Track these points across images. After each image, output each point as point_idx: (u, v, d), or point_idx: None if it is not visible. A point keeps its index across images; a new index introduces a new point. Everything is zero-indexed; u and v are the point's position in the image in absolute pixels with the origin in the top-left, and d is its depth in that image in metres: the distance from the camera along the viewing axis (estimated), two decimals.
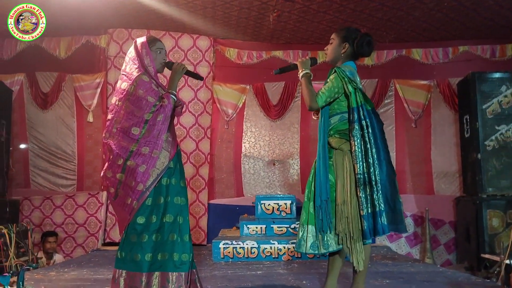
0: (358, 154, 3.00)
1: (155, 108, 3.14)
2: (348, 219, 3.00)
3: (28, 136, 7.40)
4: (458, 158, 7.27)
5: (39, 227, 6.98)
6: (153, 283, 3.06)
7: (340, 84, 3.10)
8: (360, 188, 2.98)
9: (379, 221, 2.97)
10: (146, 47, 3.29)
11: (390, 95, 7.66)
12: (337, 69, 3.15)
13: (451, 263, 7.05)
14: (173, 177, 3.23)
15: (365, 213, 2.97)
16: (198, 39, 7.55)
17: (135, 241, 3.11)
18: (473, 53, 7.55)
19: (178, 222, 3.17)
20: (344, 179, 3.05)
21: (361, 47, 3.25)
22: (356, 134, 3.01)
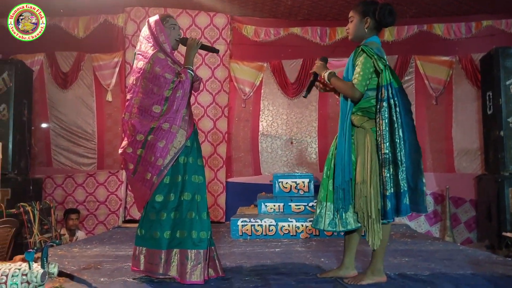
0: (385, 133, 2.93)
1: (174, 84, 3.13)
2: (367, 198, 2.96)
3: (49, 115, 7.50)
4: (479, 135, 7.16)
5: (61, 204, 7.11)
6: (172, 260, 3.10)
7: (370, 63, 2.99)
8: (386, 167, 2.92)
9: (403, 201, 2.94)
10: (159, 24, 3.26)
11: (410, 71, 7.54)
12: (364, 47, 3.04)
13: (471, 241, 7.01)
14: (190, 155, 3.24)
15: (389, 193, 2.93)
16: (215, 17, 7.51)
17: (154, 219, 3.15)
18: (497, 27, 7.38)
19: (196, 200, 3.19)
20: (365, 158, 3.00)
21: (384, 17, 3.13)
22: (384, 113, 2.94)
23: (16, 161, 6.13)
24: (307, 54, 7.50)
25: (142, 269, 3.16)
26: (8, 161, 5.99)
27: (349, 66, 3.14)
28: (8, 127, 6.13)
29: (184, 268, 3.06)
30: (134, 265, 3.20)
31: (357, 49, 3.10)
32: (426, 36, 7.54)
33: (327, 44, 7.61)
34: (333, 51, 7.55)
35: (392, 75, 3.00)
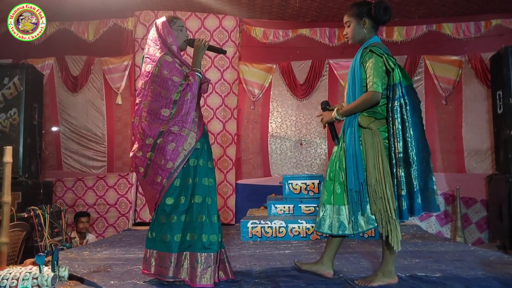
0: (399, 132, 2.92)
1: (182, 87, 3.14)
2: (384, 200, 2.93)
3: (60, 119, 7.56)
4: (490, 135, 7.12)
5: (72, 207, 7.15)
6: (183, 263, 3.11)
7: (382, 62, 2.99)
8: (401, 167, 2.92)
9: (416, 200, 2.93)
10: (166, 26, 3.27)
11: (420, 71, 7.52)
12: (372, 48, 3.04)
13: (482, 241, 6.96)
14: (201, 158, 3.24)
15: (404, 192, 2.92)
16: (223, 19, 7.53)
17: (165, 222, 3.15)
18: (506, 26, 7.33)
19: (207, 203, 3.19)
20: (376, 159, 2.98)
21: (380, 15, 3.12)
22: (397, 112, 2.93)
23: (26, 164, 6.17)
24: (316, 55, 7.50)
25: (152, 272, 3.16)
26: (19, 165, 6.03)
27: (356, 66, 3.12)
28: (18, 131, 6.17)
29: (194, 271, 3.06)
30: (145, 268, 3.21)
31: (365, 50, 3.10)
32: (435, 36, 7.52)
33: (336, 45, 7.61)
34: (342, 52, 7.55)
35: (401, 73, 2.99)
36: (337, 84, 7.55)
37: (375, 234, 5.43)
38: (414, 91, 3.08)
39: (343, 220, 3.07)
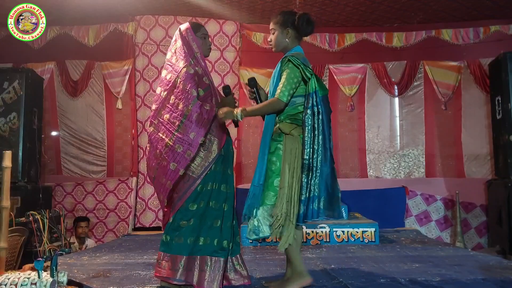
0: (307, 139, 3.01)
1: (194, 103, 3.15)
2: (289, 203, 3.01)
3: (59, 123, 7.55)
4: (489, 140, 7.14)
5: (71, 212, 7.14)
6: (193, 267, 3.12)
7: (298, 73, 3.09)
8: (304, 173, 3.00)
9: (310, 206, 3.00)
10: (191, 33, 3.36)
11: (419, 77, 7.54)
12: (290, 58, 3.13)
13: (482, 246, 6.96)
14: (222, 164, 3.30)
15: (304, 197, 2.99)
16: (224, 24, 7.54)
17: (181, 226, 3.17)
18: (504, 32, 7.36)
19: (223, 209, 3.23)
20: (292, 164, 3.05)
21: (303, 26, 3.24)
22: (308, 120, 3.02)
23: (26, 169, 6.16)
24: (316, 61, 7.51)
25: (163, 275, 3.16)
26: (18, 170, 6.02)
27: (276, 74, 3.21)
28: (18, 135, 6.16)
29: (203, 275, 3.09)
30: (157, 271, 3.21)
31: (284, 59, 3.18)
32: (434, 41, 7.54)
33: (336, 50, 7.63)
34: (342, 57, 7.58)
35: (318, 83, 3.08)
36: (337, 89, 7.56)
37: (375, 239, 5.43)
38: (327, 101, 3.16)
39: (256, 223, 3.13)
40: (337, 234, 5.48)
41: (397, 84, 7.55)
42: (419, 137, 7.49)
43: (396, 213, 7.12)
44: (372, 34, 7.60)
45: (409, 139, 7.52)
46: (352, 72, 7.57)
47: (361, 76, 7.57)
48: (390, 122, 7.59)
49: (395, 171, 7.48)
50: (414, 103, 7.54)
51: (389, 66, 7.58)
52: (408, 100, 7.56)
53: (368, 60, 7.60)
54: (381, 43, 7.60)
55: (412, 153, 7.47)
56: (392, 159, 7.50)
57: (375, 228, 5.49)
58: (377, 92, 7.61)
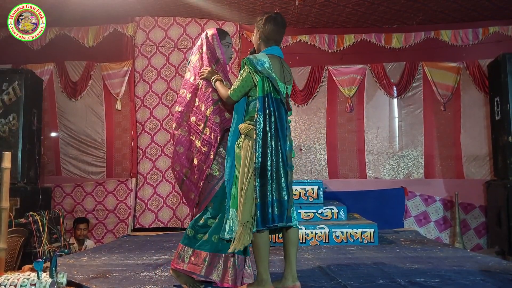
0: (257, 143, 2.98)
1: (215, 105, 3.30)
2: (240, 205, 3.03)
3: (59, 124, 7.55)
4: (488, 141, 7.15)
5: (70, 213, 7.14)
6: (216, 264, 3.19)
7: (249, 76, 3.11)
8: (257, 177, 2.97)
9: (269, 211, 2.96)
10: (217, 39, 3.47)
11: (418, 78, 7.54)
12: (246, 60, 3.14)
13: (481, 247, 6.96)
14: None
15: (258, 202, 2.96)
16: (223, 26, 7.54)
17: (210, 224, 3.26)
18: (503, 33, 7.37)
19: None
20: (244, 165, 3.05)
21: (269, 30, 3.24)
22: (258, 123, 3.00)
23: (25, 170, 6.17)
24: (315, 62, 7.52)
25: (185, 268, 3.23)
26: (18, 171, 6.03)
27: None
28: (17, 136, 6.17)
29: (227, 273, 3.16)
30: (176, 263, 3.28)
31: (243, 60, 3.20)
32: (434, 42, 7.55)
33: (335, 51, 7.63)
34: (341, 58, 7.58)
35: (272, 86, 3.07)
36: (336, 90, 7.56)
37: (374, 240, 5.44)
38: (286, 103, 3.17)
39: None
40: (336, 235, 5.48)
41: (396, 85, 7.55)
42: (418, 138, 7.49)
43: (395, 214, 7.12)
44: (371, 35, 7.61)
45: (408, 140, 7.53)
46: (351, 73, 7.58)
47: (360, 77, 7.58)
48: (389, 123, 7.60)
49: (394, 172, 7.49)
50: (413, 104, 7.54)
51: (388, 67, 7.59)
52: (407, 101, 7.57)
53: (367, 61, 7.60)
54: (380, 44, 7.60)
55: (411, 154, 7.47)
56: (391, 160, 7.50)
57: (374, 229, 5.49)
58: (376, 93, 7.62)
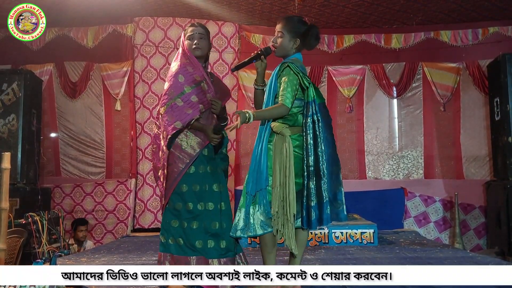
0: (311, 147, 3.03)
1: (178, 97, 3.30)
2: (285, 202, 3.01)
3: (58, 125, 7.54)
4: (488, 141, 7.14)
5: (70, 214, 7.14)
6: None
7: (296, 80, 3.10)
8: (311, 180, 3.01)
9: (325, 211, 3.02)
10: (183, 34, 3.47)
11: (418, 78, 7.55)
12: (290, 64, 3.13)
13: (481, 248, 6.96)
14: (209, 164, 3.30)
15: (314, 204, 3.00)
16: (223, 26, 7.54)
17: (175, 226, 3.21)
18: (503, 34, 7.37)
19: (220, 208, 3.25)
20: (283, 163, 3.05)
21: (311, 41, 3.24)
22: (309, 128, 3.04)
23: (24, 170, 6.16)
24: (315, 62, 7.51)
25: None
26: (17, 171, 6.02)
27: (273, 79, 3.20)
28: (17, 137, 6.16)
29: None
30: None
31: (283, 65, 3.18)
32: (433, 43, 7.55)
33: (335, 51, 7.63)
34: (341, 58, 7.58)
35: (315, 92, 3.11)
36: (335, 90, 7.57)
37: (374, 240, 5.43)
38: (326, 109, 3.19)
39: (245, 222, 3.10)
40: (335, 235, 5.48)
41: (396, 85, 7.56)
42: (418, 138, 7.49)
43: (395, 215, 7.12)
44: (371, 36, 7.61)
45: (408, 141, 7.53)
46: (351, 74, 7.58)
47: (360, 78, 7.58)
48: (389, 124, 7.60)
49: (394, 172, 7.49)
50: (413, 105, 7.55)
51: (388, 67, 7.59)
52: (407, 102, 7.57)
53: (367, 61, 7.60)
54: (380, 44, 7.60)
55: (411, 155, 7.47)
56: (391, 161, 7.50)
57: (374, 229, 5.50)
58: (376, 93, 7.62)
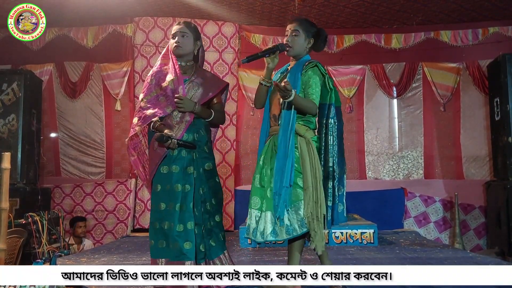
0: (332, 147, 3.09)
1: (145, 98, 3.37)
2: (317, 204, 3.02)
3: (58, 125, 7.54)
4: (488, 141, 7.14)
5: (70, 214, 7.13)
6: None
7: (322, 81, 3.15)
8: (330, 180, 3.08)
9: (337, 210, 3.12)
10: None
11: (418, 78, 7.55)
12: (318, 65, 3.18)
13: (481, 248, 6.96)
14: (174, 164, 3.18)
15: (330, 204, 3.08)
16: (223, 26, 7.54)
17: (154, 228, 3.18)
18: (503, 34, 7.37)
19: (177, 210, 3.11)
20: (312, 165, 3.07)
21: (321, 42, 3.33)
22: (333, 129, 3.11)
23: (24, 170, 6.16)
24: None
25: None
26: (17, 171, 6.02)
27: (297, 77, 3.18)
28: (17, 137, 6.16)
29: None
30: None
31: (310, 64, 3.19)
32: (433, 43, 7.55)
33: (335, 51, 7.63)
34: (341, 59, 7.58)
35: (336, 95, 3.18)
36: None
37: (374, 241, 5.43)
38: (341, 114, 3.24)
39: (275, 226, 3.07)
40: (335, 235, 5.48)
41: (396, 85, 7.56)
42: (418, 138, 7.49)
43: (395, 215, 7.13)
44: (371, 36, 7.61)
45: (408, 141, 7.53)
46: (351, 74, 7.58)
47: (360, 78, 7.58)
48: (389, 124, 7.60)
49: (394, 172, 7.49)
50: (413, 105, 7.55)
51: (388, 67, 7.59)
52: (407, 102, 7.57)
53: (367, 61, 7.60)
54: (380, 44, 7.60)
55: (411, 155, 7.47)
56: (391, 161, 7.50)
57: (374, 229, 5.49)
58: (376, 93, 7.62)
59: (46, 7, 5.07)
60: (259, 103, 3.40)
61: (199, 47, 3.48)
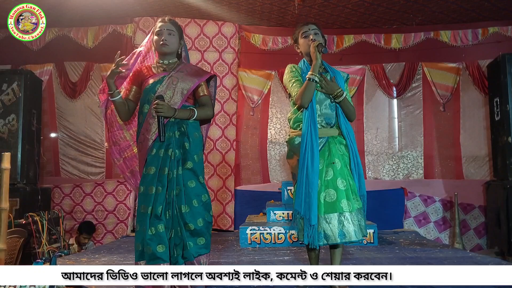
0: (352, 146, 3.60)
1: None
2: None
3: (58, 125, 7.55)
4: (488, 141, 7.14)
5: (70, 214, 7.13)
6: None
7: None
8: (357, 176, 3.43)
9: None
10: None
11: (418, 78, 7.55)
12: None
13: (481, 248, 6.96)
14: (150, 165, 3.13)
15: None
16: (223, 26, 7.54)
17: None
18: (503, 34, 7.37)
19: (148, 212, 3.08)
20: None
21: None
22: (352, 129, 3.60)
23: (24, 171, 6.16)
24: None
25: None
26: (17, 171, 6.02)
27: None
28: (17, 137, 6.16)
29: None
30: None
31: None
32: (433, 43, 7.55)
33: (335, 51, 7.64)
34: (341, 59, 7.58)
35: None
36: None
37: (374, 241, 5.43)
38: None
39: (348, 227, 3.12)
40: None
41: (396, 85, 7.56)
42: (418, 138, 7.50)
43: (395, 215, 7.13)
44: (370, 36, 7.61)
45: (408, 141, 7.53)
46: (351, 74, 7.57)
47: (360, 78, 7.59)
48: (388, 124, 7.60)
49: (394, 172, 7.49)
50: (412, 105, 7.55)
51: (388, 67, 7.60)
52: (407, 102, 7.57)
53: (367, 61, 7.61)
54: (379, 44, 7.61)
55: (410, 155, 7.48)
56: (390, 161, 7.51)
57: (374, 229, 5.50)
58: (376, 93, 7.62)
59: (46, 7, 5.07)
60: (307, 101, 3.34)
61: (182, 46, 3.43)
